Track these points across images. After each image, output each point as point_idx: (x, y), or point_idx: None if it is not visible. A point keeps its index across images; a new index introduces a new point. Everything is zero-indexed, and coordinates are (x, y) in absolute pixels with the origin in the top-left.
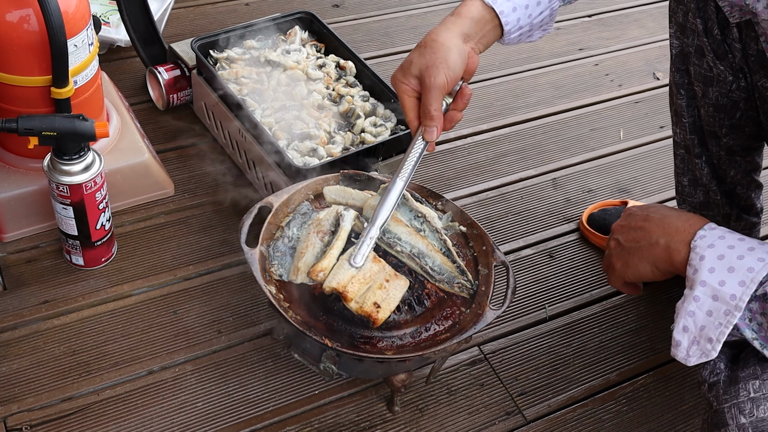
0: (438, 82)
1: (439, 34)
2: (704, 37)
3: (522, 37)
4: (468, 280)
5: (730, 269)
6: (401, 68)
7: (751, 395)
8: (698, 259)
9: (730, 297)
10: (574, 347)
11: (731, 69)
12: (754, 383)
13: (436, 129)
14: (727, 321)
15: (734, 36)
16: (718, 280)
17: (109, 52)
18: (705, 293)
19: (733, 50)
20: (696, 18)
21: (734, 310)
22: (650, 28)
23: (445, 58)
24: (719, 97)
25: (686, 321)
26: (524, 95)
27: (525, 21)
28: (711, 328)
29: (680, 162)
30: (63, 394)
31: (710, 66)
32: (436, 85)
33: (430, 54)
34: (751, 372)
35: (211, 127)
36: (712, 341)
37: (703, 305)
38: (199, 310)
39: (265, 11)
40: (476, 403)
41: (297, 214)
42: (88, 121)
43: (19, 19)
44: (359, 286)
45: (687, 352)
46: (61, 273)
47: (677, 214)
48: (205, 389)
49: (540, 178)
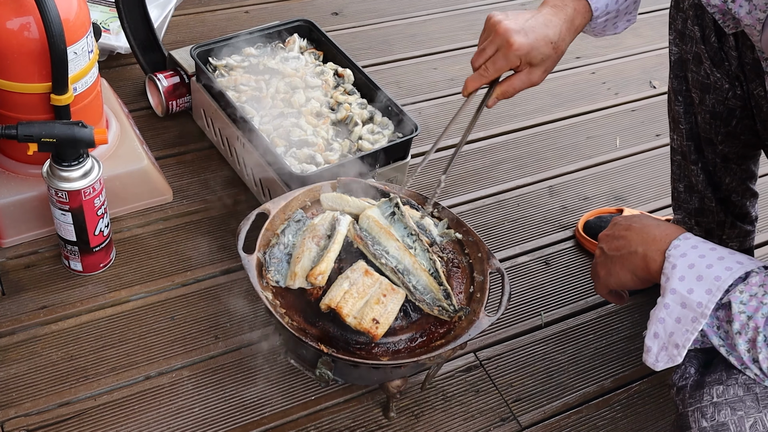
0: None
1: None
2: (702, 45)
3: (608, 25)
4: (451, 304)
5: (699, 278)
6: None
7: (713, 400)
8: (671, 268)
9: (696, 304)
10: (569, 354)
11: (727, 77)
12: (718, 388)
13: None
14: (693, 327)
15: (731, 44)
16: (686, 288)
17: (109, 59)
18: (674, 300)
19: (730, 58)
20: (694, 25)
21: (700, 317)
22: (647, 36)
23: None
24: (716, 104)
25: (657, 327)
26: (521, 103)
27: (612, 6)
28: (678, 334)
29: (676, 168)
30: (60, 399)
31: (707, 73)
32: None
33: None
34: (716, 377)
35: (210, 134)
36: (678, 347)
37: (672, 312)
38: (196, 315)
39: (265, 19)
40: (471, 409)
41: (291, 221)
42: (87, 128)
43: (20, 26)
44: (353, 301)
45: (656, 358)
46: (59, 278)
47: (656, 224)
48: (202, 395)
49: (536, 186)
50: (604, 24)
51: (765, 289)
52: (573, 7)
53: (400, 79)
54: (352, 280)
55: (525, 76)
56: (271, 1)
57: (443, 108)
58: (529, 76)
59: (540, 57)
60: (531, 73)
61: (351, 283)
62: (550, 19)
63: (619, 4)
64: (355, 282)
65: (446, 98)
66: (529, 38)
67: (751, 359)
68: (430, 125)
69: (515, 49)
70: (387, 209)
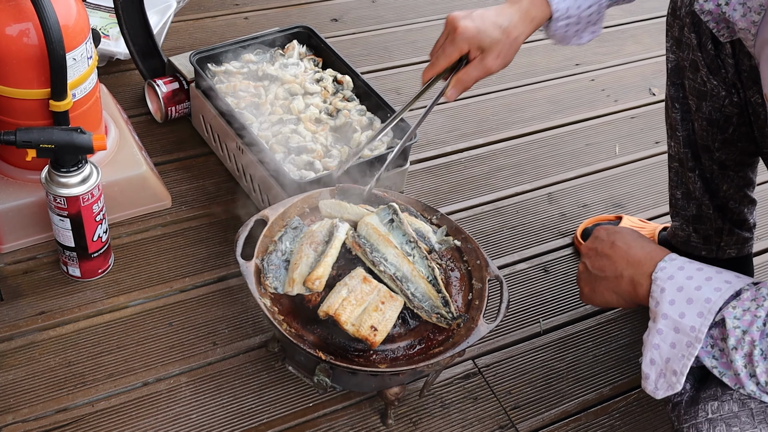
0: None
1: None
2: (698, 52)
3: (569, 31)
4: (449, 312)
5: (689, 300)
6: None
7: (708, 416)
8: (659, 292)
9: (690, 329)
10: (568, 361)
11: (724, 84)
12: (713, 404)
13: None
14: (689, 353)
15: (727, 51)
16: (678, 312)
17: (109, 64)
18: (667, 326)
19: (726, 66)
20: (691, 33)
21: (695, 341)
22: (647, 43)
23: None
24: (712, 111)
25: (652, 354)
26: (520, 110)
27: (574, 11)
28: (675, 360)
29: (674, 175)
30: (58, 405)
31: (704, 80)
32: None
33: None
34: (711, 393)
35: (209, 140)
36: (677, 374)
37: (666, 337)
38: (194, 322)
39: (264, 25)
40: (470, 417)
41: (288, 228)
42: (85, 134)
43: (19, 32)
44: (352, 308)
45: (655, 385)
46: (57, 284)
47: (640, 245)
48: (200, 401)
49: (535, 193)
50: (566, 29)
51: (758, 303)
52: (529, 0)
53: (400, 85)
54: (350, 287)
55: (479, 63)
56: (271, 8)
57: (442, 115)
58: (483, 62)
59: (489, 40)
60: (484, 60)
61: (349, 290)
62: (502, 8)
63: (581, 11)
64: (353, 289)
65: (445, 105)
66: (476, 23)
67: (748, 375)
68: (430, 132)
69: (460, 33)
70: (386, 216)
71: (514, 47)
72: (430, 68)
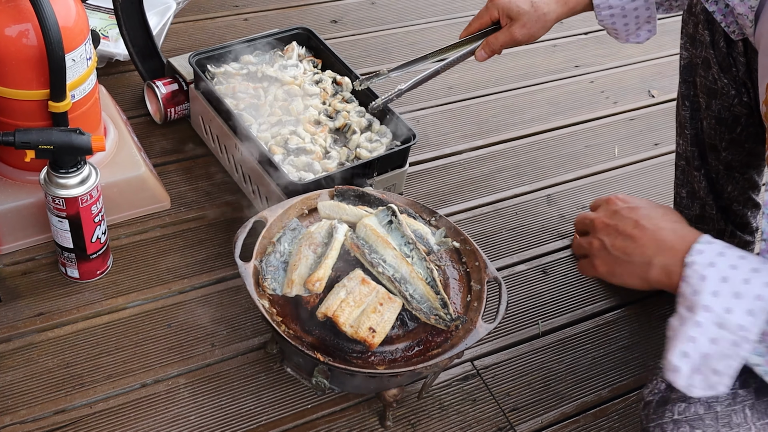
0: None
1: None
2: (711, 49)
3: (617, 24)
4: (448, 313)
5: (737, 295)
6: None
7: (674, 417)
8: (698, 279)
9: (737, 327)
10: (567, 363)
11: (734, 83)
12: (680, 405)
13: None
14: (735, 353)
15: (739, 50)
16: (723, 306)
17: (108, 65)
18: (709, 319)
19: (738, 64)
20: (705, 30)
21: (742, 341)
22: (646, 45)
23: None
24: (721, 110)
25: (686, 346)
26: (520, 111)
27: (616, 2)
28: (716, 358)
29: (680, 173)
30: (56, 406)
31: (715, 78)
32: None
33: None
34: (681, 395)
35: (208, 141)
36: (719, 374)
37: (707, 332)
38: (193, 323)
39: (264, 26)
40: (468, 419)
41: (287, 229)
42: (84, 135)
43: (18, 33)
44: (350, 310)
45: (689, 381)
46: (56, 285)
47: (670, 226)
48: (198, 403)
49: (535, 194)
50: (612, 20)
51: None
52: None
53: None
54: (348, 288)
55: (506, 30)
56: (271, 9)
57: (442, 116)
58: (510, 29)
59: (516, 10)
60: (511, 27)
61: (348, 291)
62: None
63: (625, 2)
64: (351, 291)
65: (445, 106)
66: None
67: None
68: (429, 133)
69: (494, 1)
70: (384, 218)
71: (540, 22)
72: (466, 29)
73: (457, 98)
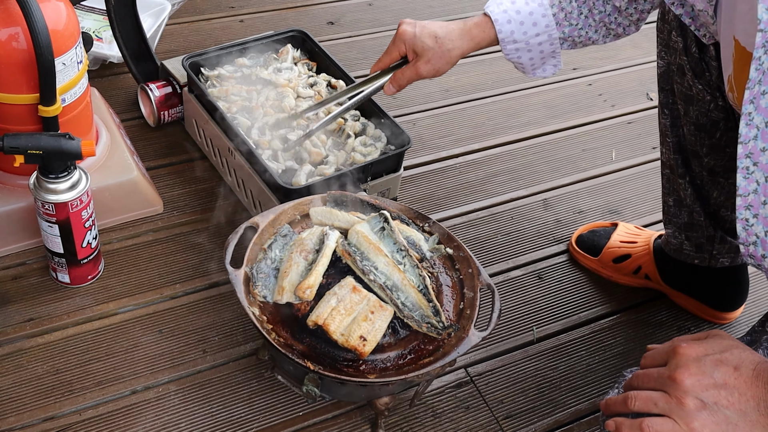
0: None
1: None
2: (684, 56)
3: (523, 58)
4: (440, 321)
5: None
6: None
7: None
8: None
9: None
10: (561, 370)
11: (709, 88)
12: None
13: None
14: None
15: (711, 54)
16: None
17: (101, 68)
18: None
19: (710, 68)
20: (678, 36)
21: None
22: (644, 48)
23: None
24: (699, 116)
25: None
26: (516, 115)
27: (520, 36)
28: None
29: (666, 182)
30: (45, 413)
31: (690, 84)
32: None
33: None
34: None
35: (202, 145)
36: None
37: None
38: (184, 329)
39: (260, 28)
40: (461, 427)
41: (278, 236)
42: (74, 140)
43: (8, 37)
44: (341, 318)
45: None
46: (46, 290)
47: None
48: (189, 409)
49: (530, 199)
50: (517, 54)
51: None
52: (474, 20)
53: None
54: (339, 296)
55: (412, 66)
56: (267, 10)
57: (438, 119)
58: (415, 66)
59: (421, 46)
60: (417, 64)
61: (339, 299)
62: (450, 23)
63: (529, 37)
64: (342, 298)
65: (441, 109)
66: (415, 29)
67: None
68: (424, 136)
69: (399, 35)
70: (376, 224)
71: (445, 58)
72: (376, 63)
73: (453, 101)
